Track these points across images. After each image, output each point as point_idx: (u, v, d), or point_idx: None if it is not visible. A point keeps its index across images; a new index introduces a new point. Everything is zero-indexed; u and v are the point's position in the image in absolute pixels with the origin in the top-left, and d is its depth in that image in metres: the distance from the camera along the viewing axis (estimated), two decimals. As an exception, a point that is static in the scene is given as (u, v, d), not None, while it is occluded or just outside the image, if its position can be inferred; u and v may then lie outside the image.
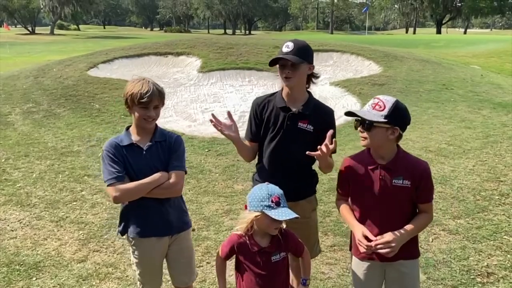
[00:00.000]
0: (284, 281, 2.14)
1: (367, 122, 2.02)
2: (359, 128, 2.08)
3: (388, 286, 2.26)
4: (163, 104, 2.25)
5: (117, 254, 3.67)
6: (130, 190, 2.17)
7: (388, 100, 2.02)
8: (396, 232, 2.04)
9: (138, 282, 2.47)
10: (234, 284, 2.24)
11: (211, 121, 2.34)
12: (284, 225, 2.07)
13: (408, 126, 2.10)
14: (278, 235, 2.04)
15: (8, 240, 3.91)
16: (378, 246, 2.01)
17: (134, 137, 2.27)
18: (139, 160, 2.22)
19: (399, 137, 2.06)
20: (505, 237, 3.83)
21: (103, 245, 3.83)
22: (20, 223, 4.25)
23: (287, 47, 2.31)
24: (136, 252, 2.38)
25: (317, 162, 2.40)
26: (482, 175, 5.24)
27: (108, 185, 2.17)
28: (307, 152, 2.20)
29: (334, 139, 2.20)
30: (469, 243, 3.73)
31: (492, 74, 13.21)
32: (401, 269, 2.18)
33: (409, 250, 2.14)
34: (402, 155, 2.11)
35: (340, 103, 9.35)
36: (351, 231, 2.24)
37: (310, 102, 2.42)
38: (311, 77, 2.43)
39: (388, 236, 2.02)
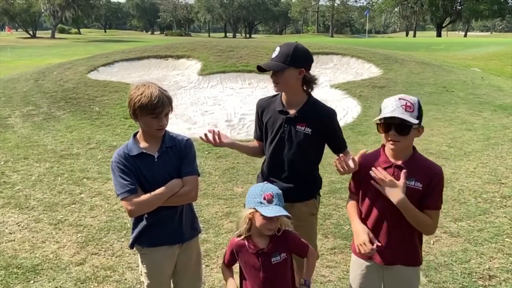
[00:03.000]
0: (288, 283, 2.09)
1: (404, 125, 1.89)
2: (391, 132, 1.92)
3: None
4: (172, 109, 2.15)
5: (116, 257, 3.64)
6: (145, 202, 2.09)
7: (414, 100, 1.94)
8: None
9: None
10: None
11: (205, 138, 2.38)
12: (290, 228, 2.04)
13: None
14: (276, 235, 2.00)
15: (6, 243, 3.88)
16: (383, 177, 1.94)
17: (143, 145, 2.18)
18: (151, 169, 2.14)
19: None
20: (506, 239, 3.80)
21: (102, 248, 3.80)
22: (19, 225, 4.22)
23: (275, 52, 2.29)
24: (146, 262, 2.29)
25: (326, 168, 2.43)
26: (483, 177, 5.22)
27: (121, 199, 2.10)
28: (340, 155, 2.08)
29: (346, 153, 2.22)
30: (471, 246, 3.70)
31: (493, 76, 13.20)
32: (399, 275, 2.09)
33: (409, 255, 2.05)
34: (418, 157, 2.02)
35: (340, 105, 9.34)
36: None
37: (308, 104, 2.38)
38: (306, 80, 2.34)
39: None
